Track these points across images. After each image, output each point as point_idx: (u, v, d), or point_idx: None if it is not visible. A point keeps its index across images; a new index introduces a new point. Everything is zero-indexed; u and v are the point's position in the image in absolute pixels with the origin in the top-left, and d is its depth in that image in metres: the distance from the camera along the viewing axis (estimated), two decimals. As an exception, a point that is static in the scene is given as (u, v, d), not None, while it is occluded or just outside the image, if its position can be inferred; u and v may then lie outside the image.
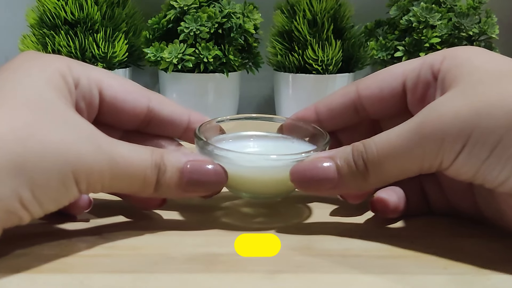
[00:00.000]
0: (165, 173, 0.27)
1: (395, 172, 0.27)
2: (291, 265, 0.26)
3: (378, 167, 0.27)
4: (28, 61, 0.28)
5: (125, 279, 0.24)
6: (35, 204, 0.24)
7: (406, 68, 0.31)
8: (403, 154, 0.26)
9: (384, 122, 0.33)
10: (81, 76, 0.29)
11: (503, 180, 0.25)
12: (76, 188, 0.25)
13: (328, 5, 0.57)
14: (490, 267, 0.26)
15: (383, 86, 0.31)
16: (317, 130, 0.33)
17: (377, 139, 0.27)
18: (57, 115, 0.25)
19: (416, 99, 0.30)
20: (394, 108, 0.32)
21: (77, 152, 0.25)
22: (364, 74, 0.69)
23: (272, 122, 0.35)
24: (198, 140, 0.31)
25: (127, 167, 0.26)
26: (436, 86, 0.29)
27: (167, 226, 0.31)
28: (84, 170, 0.25)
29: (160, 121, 0.32)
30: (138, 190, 0.28)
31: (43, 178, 0.23)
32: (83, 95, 0.29)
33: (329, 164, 0.28)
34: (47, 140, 0.24)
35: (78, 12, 0.54)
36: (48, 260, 0.26)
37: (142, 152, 0.27)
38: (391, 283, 0.24)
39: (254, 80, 0.63)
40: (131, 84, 0.32)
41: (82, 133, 0.25)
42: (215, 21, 0.55)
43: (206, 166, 0.28)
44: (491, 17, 0.59)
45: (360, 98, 0.32)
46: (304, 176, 0.28)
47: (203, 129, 0.32)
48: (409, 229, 0.31)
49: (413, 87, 0.30)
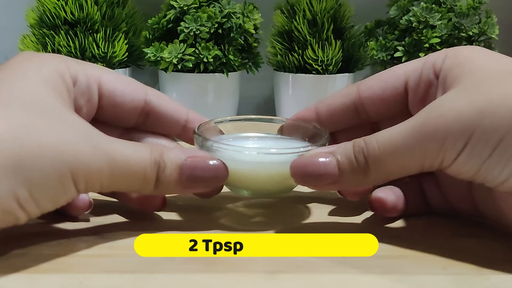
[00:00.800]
0: (164, 170, 0.27)
1: (396, 169, 0.27)
2: (291, 265, 0.26)
3: (379, 164, 0.27)
4: (25, 61, 0.28)
5: (125, 279, 0.24)
6: (32, 204, 0.24)
7: (408, 68, 0.31)
8: (405, 151, 0.26)
9: (383, 124, 0.33)
10: (79, 73, 0.29)
11: (503, 179, 0.25)
12: (74, 188, 0.25)
13: (328, 5, 0.57)
14: (489, 267, 0.26)
15: (385, 87, 0.31)
16: (317, 129, 0.33)
17: (379, 136, 0.27)
18: (54, 115, 0.25)
19: (417, 99, 0.30)
20: (395, 109, 0.32)
21: (75, 151, 0.24)
22: (364, 74, 0.69)
23: (272, 123, 0.35)
24: (197, 137, 0.31)
25: (126, 165, 0.26)
26: (437, 86, 0.29)
27: (167, 226, 0.31)
28: (82, 169, 0.25)
29: (157, 116, 0.32)
30: (138, 188, 0.27)
31: (41, 178, 0.23)
32: (81, 92, 0.29)
33: (329, 159, 0.28)
34: (44, 140, 0.24)
35: (78, 12, 0.54)
36: (48, 260, 0.26)
37: (141, 150, 0.27)
38: (391, 283, 0.24)
39: (254, 80, 0.63)
40: (127, 78, 0.32)
41: (80, 132, 0.25)
42: (215, 21, 0.55)
43: (206, 162, 0.28)
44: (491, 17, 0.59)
45: (361, 99, 0.32)
46: (304, 170, 0.28)
47: (202, 129, 0.32)
48: (409, 229, 0.31)
49: (415, 86, 0.30)
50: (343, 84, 0.58)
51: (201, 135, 0.31)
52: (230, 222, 0.31)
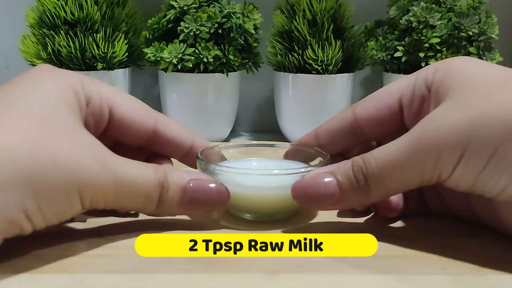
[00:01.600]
0: (168, 191, 0.28)
1: (396, 186, 0.27)
2: (291, 265, 0.26)
3: (378, 182, 0.27)
4: (43, 74, 0.28)
5: (125, 279, 0.24)
6: (39, 216, 0.24)
7: (401, 86, 0.31)
8: (403, 167, 0.26)
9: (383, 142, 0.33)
10: (93, 94, 0.29)
11: (501, 189, 0.25)
12: (80, 203, 0.25)
13: (328, 5, 0.57)
14: (489, 267, 0.26)
15: (379, 107, 0.31)
16: (318, 152, 0.33)
17: (376, 154, 0.27)
18: (67, 131, 0.26)
19: (412, 114, 0.31)
20: (392, 127, 0.32)
21: (84, 168, 0.25)
22: (364, 74, 0.69)
23: (275, 148, 0.37)
24: (200, 161, 0.31)
25: (131, 185, 0.27)
26: (430, 99, 0.29)
27: (167, 226, 0.31)
28: (90, 187, 0.25)
29: (163, 142, 0.33)
30: (140, 207, 0.28)
31: (50, 191, 0.24)
32: (93, 112, 0.29)
33: (330, 180, 0.28)
34: (56, 155, 0.24)
35: (78, 12, 0.54)
36: (48, 260, 0.26)
37: (146, 170, 0.28)
38: (391, 283, 0.24)
39: (254, 80, 0.63)
40: (139, 104, 0.32)
41: (91, 150, 0.26)
42: (215, 21, 0.55)
43: (208, 185, 0.29)
44: (491, 17, 0.59)
45: (357, 121, 0.32)
46: (305, 193, 0.28)
47: (204, 154, 0.33)
48: (409, 229, 0.31)
49: (409, 102, 0.30)
50: (343, 84, 0.58)
51: (203, 159, 0.31)
52: (230, 222, 0.31)
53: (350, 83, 0.59)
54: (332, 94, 0.57)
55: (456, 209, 0.31)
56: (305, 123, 0.59)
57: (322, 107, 0.57)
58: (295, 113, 0.59)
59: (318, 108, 0.58)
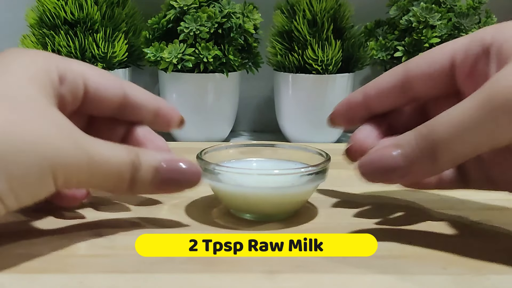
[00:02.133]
0: (139, 171, 0.28)
1: (466, 151, 0.26)
2: (291, 265, 0.26)
3: (446, 148, 0.26)
4: (9, 57, 0.28)
5: (125, 279, 0.24)
6: (11, 197, 0.24)
7: (454, 45, 0.30)
8: (474, 129, 0.25)
9: (430, 104, 0.33)
10: (67, 71, 0.29)
11: None
12: (53, 184, 0.25)
13: (328, 5, 0.57)
14: (489, 267, 0.26)
15: (431, 63, 0.31)
16: (318, 152, 0.34)
17: (442, 119, 0.26)
18: (38, 112, 0.25)
19: (465, 74, 0.30)
20: (442, 86, 0.31)
21: (56, 148, 0.25)
22: (364, 74, 0.69)
23: (274, 148, 0.36)
24: (199, 161, 0.31)
25: (103, 164, 0.27)
26: (487, 60, 0.28)
27: (167, 226, 0.31)
28: (62, 166, 0.25)
29: (134, 107, 0.33)
30: (113, 187, 0.28)
31: (21, 172, 0.24)
32: (70, 88, 0.30)
33: (396, 152, 0.27)
34: (28, 136, 0.24)
35: (78, 12, 0.54)
36: (48, 260, 0.26)
37: (119, 150, 0.28)
38: (391, 283, 0.24)
39: (254, 80, 0.63)
40: (106, 72, 0.32)
41: (62, 130, 0.26)
42: (215, 21, 0.55)
43: (181, 165, 0.29)
44: (491, 17, 0.59)
45: (408, 77, 0.31)
46: (374, 167, 0.27)
47: (204, 154, 0.33)
48: (409, 229, 0.31)
49: (462, 62, 0.30)
50: (343, 84, 0.58)
51: (203, 159, 0.31)
52: (230, 222, 0.31)
53: (350, 83, 0.59)
54: (332, 94, 0.57)
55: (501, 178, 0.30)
56: (305, 123, 0.59)
57: (322, 107, 0.57)
58: (295, 113, 0.59)
59: (318, 108, 0.58)
